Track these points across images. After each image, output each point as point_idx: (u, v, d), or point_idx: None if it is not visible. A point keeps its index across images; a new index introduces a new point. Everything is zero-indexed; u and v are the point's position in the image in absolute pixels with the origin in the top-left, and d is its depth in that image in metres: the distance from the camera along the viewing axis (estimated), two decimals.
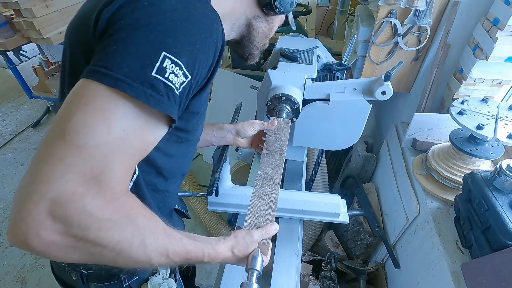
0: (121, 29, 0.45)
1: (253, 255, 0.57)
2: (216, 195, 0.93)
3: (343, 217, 0.98)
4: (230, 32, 0.72)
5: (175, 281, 0.93)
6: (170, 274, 0.93)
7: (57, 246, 0.41)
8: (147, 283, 0.84)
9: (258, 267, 0.56)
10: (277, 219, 0.71)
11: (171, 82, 0.46)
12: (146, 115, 0.46)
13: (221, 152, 0.92)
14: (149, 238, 0.49)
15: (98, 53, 0.45)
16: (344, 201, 0.99)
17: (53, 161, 0.40)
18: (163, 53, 0.44)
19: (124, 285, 0.77)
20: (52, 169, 0.39)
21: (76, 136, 0.40)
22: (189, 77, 0.48)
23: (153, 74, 0.44)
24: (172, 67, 0.45)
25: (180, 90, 0.48)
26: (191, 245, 0.56)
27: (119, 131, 0.43)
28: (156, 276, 0.90)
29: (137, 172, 0.60)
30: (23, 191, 0.39)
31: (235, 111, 1.08)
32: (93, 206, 0.41)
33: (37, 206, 0.38)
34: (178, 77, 0.46)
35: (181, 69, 0.46)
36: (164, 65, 0.44)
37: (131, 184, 0.60)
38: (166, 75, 0.45)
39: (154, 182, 0.67)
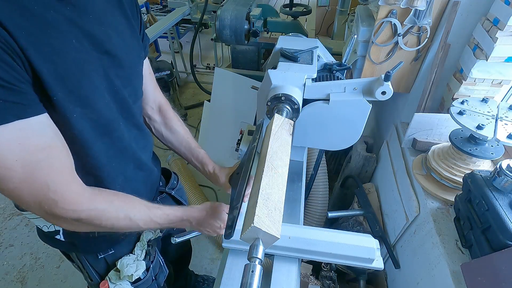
0: None
1: (254, 244, 0.57)
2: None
3: (377, 263, 0.87)
4: None
5: (152, 262, 0.97)
6: (145, 256, 0.95)
7: (69, 224, 0.63)
8: (118, 261, 0.91)
9: (260, 255, 0.55)
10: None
11: None
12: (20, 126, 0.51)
13: (242, 179, 0.72)
14: (131, 212, 0.69)
15: None
16: (377, 241, 0.88)
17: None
18: None
19: (99, 257, 0.89)
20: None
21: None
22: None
23: None
24: None
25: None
26: (169, 209, 0.77)
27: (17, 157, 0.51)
28: (129, 256, 0.93)
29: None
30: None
31: (257, 129, 0.84)
32: (66, 214, 0.59)
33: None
34: None
35: None
36: None
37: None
38: None
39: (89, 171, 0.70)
